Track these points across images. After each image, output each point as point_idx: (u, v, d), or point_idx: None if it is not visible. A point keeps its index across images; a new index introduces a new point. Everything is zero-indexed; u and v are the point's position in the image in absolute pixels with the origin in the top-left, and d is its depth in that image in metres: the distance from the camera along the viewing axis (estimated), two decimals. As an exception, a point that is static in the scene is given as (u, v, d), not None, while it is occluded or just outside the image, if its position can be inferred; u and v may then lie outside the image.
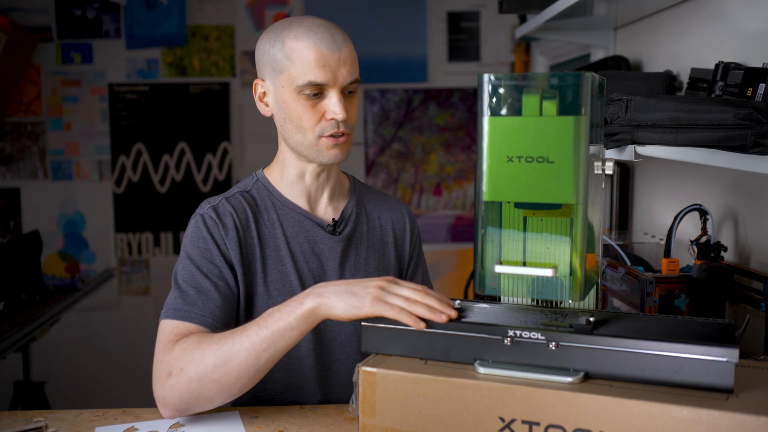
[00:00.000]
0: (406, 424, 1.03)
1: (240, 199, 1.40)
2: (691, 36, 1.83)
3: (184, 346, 1.20)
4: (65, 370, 3.57)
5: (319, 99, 1.33)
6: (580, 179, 1.02)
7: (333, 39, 1.32)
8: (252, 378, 1.19)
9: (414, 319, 1.09)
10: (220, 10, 3.67)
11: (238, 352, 1.17)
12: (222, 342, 1.19)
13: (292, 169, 1.42)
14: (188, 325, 1.25)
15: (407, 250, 1.54)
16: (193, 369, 1.18)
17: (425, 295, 1.13)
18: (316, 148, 1.36)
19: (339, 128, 1.33)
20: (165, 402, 1.20)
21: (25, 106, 3.61)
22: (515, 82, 1.05)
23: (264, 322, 1.18)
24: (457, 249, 3.82)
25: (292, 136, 1.36)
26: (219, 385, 1.18)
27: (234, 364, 1.17)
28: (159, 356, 1.23)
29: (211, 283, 1.30)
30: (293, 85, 1.32)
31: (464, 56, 3.75)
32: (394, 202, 1.57)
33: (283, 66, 1.33)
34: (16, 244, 2.74)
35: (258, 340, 1.17)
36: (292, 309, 1.17)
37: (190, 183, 3.70)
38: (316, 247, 1.41)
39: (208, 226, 1.34)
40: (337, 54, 1.31)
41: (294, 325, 1.17)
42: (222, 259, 1.33)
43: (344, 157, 1.38)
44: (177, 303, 1.28)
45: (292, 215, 1.42)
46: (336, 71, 1.31)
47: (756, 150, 1.17)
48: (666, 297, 1.47)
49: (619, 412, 0.92)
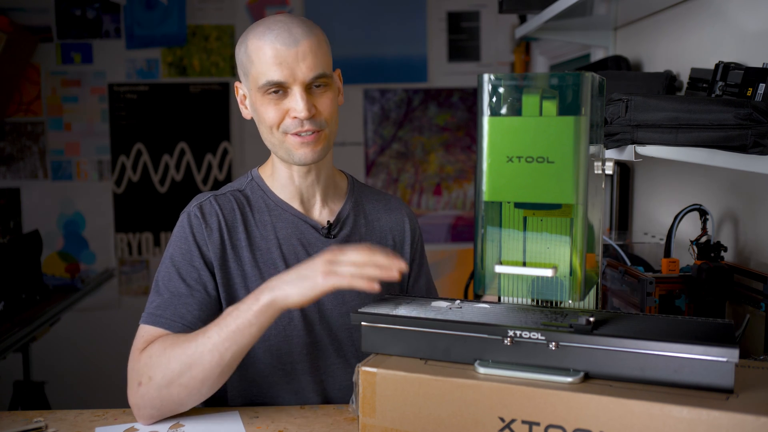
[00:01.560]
0: (406, 424, 1.03)
1: (230, 198, 1.39)
2: (691, 36, 1.83)
3: (150, 353, 1.22)
4: (65, 370, 3.57)
5: (283, 96, 1.30)
6: (580, 179, 1.02)
7: (289, 34, 1.27)
8: (218, 378, 1.20)
9: (367, 282, 1.10)
10: (220, 10, 3.66)
11: (202, 354, 1.18)
12: (185, 346, 1.19)
13: (281, 170, 1.40)
14: (158, 330, 1.27)
15: (407, 254, 1.51)
16: (160, 376, 1.20)
17: (372, 254, 1.13)
18: (284, 147, 1.33)
19: (303, 126, 1.30)
20: (138, 411, 1.23)
21: (25, 106, 3.61)
22: (515, 82, 1.05)
23: (224, 322, 1.19)
24: (457, 249, 3.82)
25: (266, 137, 1.35)
26: (187, 389, 1.20)
27: (199, 367, 1.18)
28: (130, 364, 1.25)
29: (187, 286, 1.30)
30: (257, 85, 1.30)
31: (464, 56, 3.75)
32: (395, 204, 1.54)
33: (248, 68, 1.32)
34: (16, 244, 2.74)
35: (219, 340, 1.18)
36: (249, 306, 1.18)
37: (190, 183, 3.70)
38: (311, 250, 1.39)
39: (192, 226, 1.34)
40: (294, 49, 1.27)
41: (252, 321, 1.17)
42: (201, 261, 1.32)
43: (317, 156, 1.33)
44: (152, 307, 1.29)
45: (286, 216, 1.39)
46: (294, 67, 1.27)
47: (756, 150, 1.17)
48: (666, 297, 1.47)
49: (619, 412, 0.92)
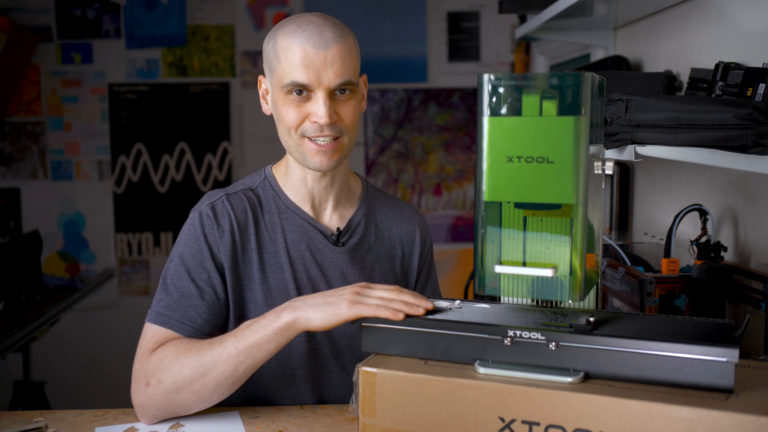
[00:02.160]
0: (406, 424, 1.03)
1: (242, 197, 1.37)
2: (691, 36, 1.83)
3: (162, 356, 1.21)
4: (65, 370, 3.57)
5: (306, 99, 1.28)
6: (580, 179, 1.02)
7: (320, 37, 1.25)
8: (229, 388, 1.21)
9: (393, 311, 1.09)
10: (220, 10, 3.66)
11: (216, 363, 1.18)
12: (200, 354, 1.19)
13: (295, 172, 1.38)
14: (167, 332, 1.26)
15: (416, 264, 1.49)
16: (171, 380, 1.19)
17: (400, 293, 1.13)
18: (301, 151, 1.31)
19: (323, 131, 1.28)
20: (143, 410, 1.23)
21: (25, 106, 3.61)
22: (515, 82, 1.05)
23: (242, 334, 1.18)
24: (457, 249, 3.82)
25: (282, 137, 1.33)
26: (197, 396, 1.20)
27: (212, 376, 1.18)
28: (137, 364, 1.24)
29: (197, 288, 1.29)
30: (280, 83, 1.29)
31: (464, 56, 3.75)
32: (408, 213, 1.50)
33: (274, 64, 1.30)
34: (16, 244, 2.74)
35: (235, 351, 1.17)
36: (269, 322, 1.17)
37: (190, 183, 3.70)
38: (318, 256, 1.37)
39: (204, 226, 1.33)
40: (323, 53, 1.25)
41: (271, 338, 1.17)
42: (212, 263, 1.31)
43: (332, 165, 1.31)
44: (160, 306, 1.29)
45: (295, 220, 1.37)
46: (320, 72, 1.25)
47: (756, 150, 1.17)
48: (666, 297, 1.47)
49: (619, 412, 0.92)
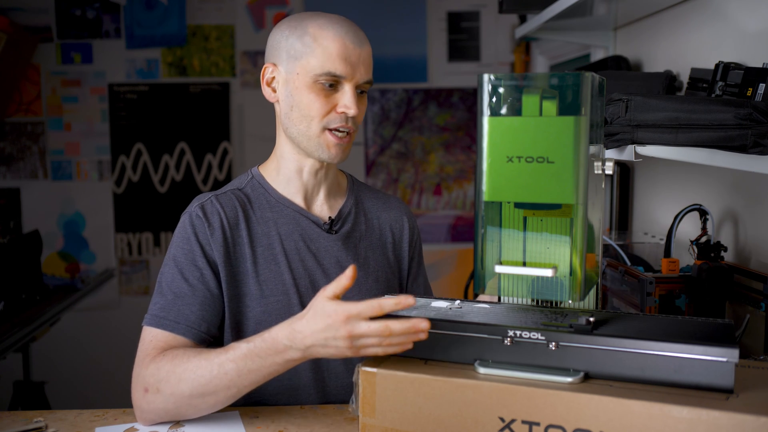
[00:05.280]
0: (406, 424, 1.03)
1: (231, 197, 1.39)
2: (691, 36, 1.83)
3: (159, 365, 1.22)
4: (65, 370, 3.57)
5: (333, 91, 1.33)
6: (580, 179, 1.02)
7: (356, 34, 1.34)
8: (230, 402, 1.21)
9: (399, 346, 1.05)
10: (220, 10, 3.66)
11: (217, 387, 1.18)
12: (198, 374, 1.18)
13: (290, 164, 1.41)
14: (164, 333, 1.28)
15: (406, 251, 1.52)
16: (169, 392, 1.20)
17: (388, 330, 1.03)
18: (318, 141, 1.35)
19: (347, 123, 1.33)
20: (141, 414, 1.24)
21: (25, 106, 3.61)
22: (515, 82, 1.05)
23: (243, 363, 1.16)
24: (457, 249, 3.82)
25: (296, 125, 1.35)
26: (196, 409, 1.21)
27: (213, 397, 1.19)
28: (137, 368, 1.26)
29: (190, 286, 1.30)
30: (310, 73, 1.31)
31: (464, 56, 3.75)
32: (393, 202, 1.56)
33: (302, 53, 1.32)
34: (16, 244, 2.74)
35: (237, 377, 1.17)
36: (274, 360, 1.14)
37: (190, 183, 3.70)
38: (312, 246, 1.40)
39: (195, 226, 1.34)
40: (359, 49, 1.33)
41: (273, 371, 1.16)
42: (204, 261, 1.32)
43: (344, 157, 1.37)
44: (155, 308, 1.30)
45: (287, 212, 1.40)
46: (355, 66, 1.32)
47: (756, 150, 1.17)
48: (666, 297, 1.47)
49: (619, 412, 0.92)
